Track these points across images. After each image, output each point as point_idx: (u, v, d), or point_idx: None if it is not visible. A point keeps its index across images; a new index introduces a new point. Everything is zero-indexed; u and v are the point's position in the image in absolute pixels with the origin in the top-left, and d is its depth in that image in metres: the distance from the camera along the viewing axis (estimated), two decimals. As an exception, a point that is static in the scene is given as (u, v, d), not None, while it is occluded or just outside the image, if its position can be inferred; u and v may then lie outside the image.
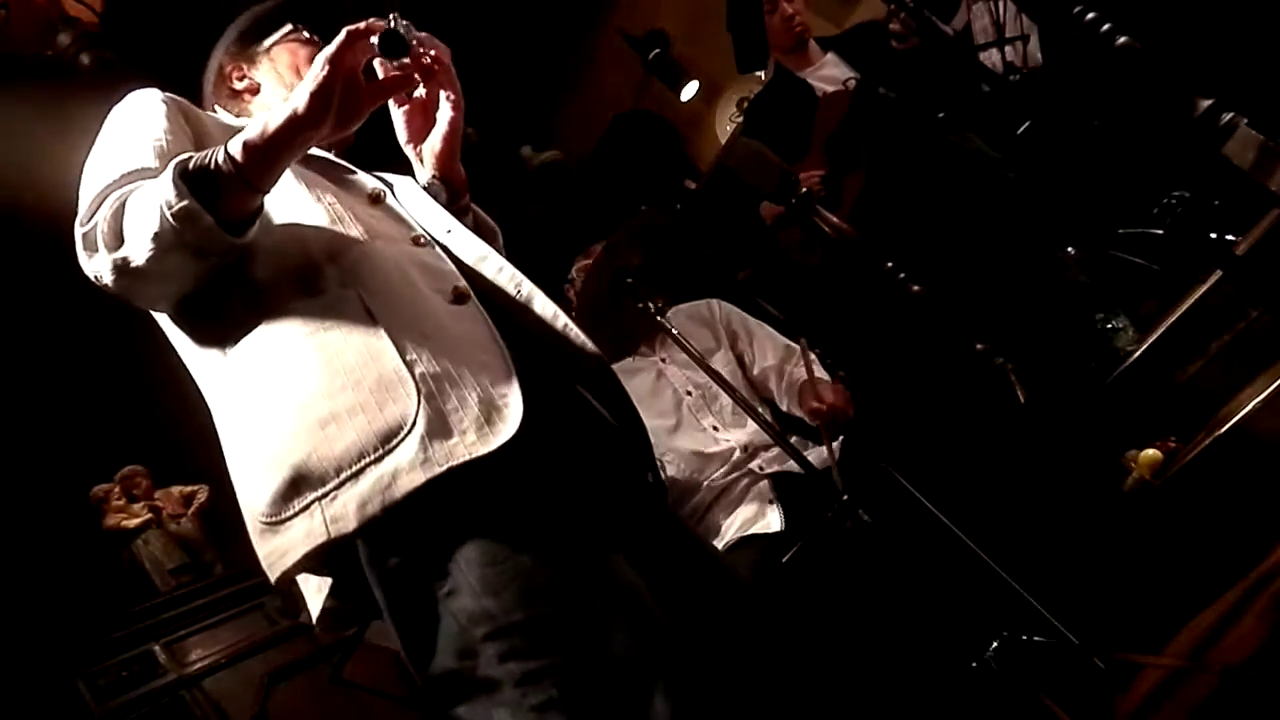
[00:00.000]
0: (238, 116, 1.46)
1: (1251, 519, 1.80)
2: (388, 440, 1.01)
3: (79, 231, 1.07)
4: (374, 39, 1.10)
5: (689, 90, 4.44)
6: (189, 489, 3.54)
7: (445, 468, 0.99)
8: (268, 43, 1.50)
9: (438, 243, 1.26)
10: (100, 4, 3.01)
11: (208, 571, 3.36)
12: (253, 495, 1.07)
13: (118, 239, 1.04)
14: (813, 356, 2.38)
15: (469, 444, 1.00)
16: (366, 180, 1.34)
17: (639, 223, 2.07)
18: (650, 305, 2.05)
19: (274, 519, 1.03)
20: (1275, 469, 1.79)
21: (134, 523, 3.33)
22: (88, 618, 2.90)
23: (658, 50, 4.41)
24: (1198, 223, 2.17)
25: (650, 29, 4.43)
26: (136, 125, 1.20)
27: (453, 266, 1.22)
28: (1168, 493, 1.98)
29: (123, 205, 1.05)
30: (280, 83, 1.48)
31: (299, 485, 1.02)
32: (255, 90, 1.49)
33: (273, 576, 1.04)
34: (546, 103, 4.86)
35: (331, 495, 1.00)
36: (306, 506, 1.01)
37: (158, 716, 2.74)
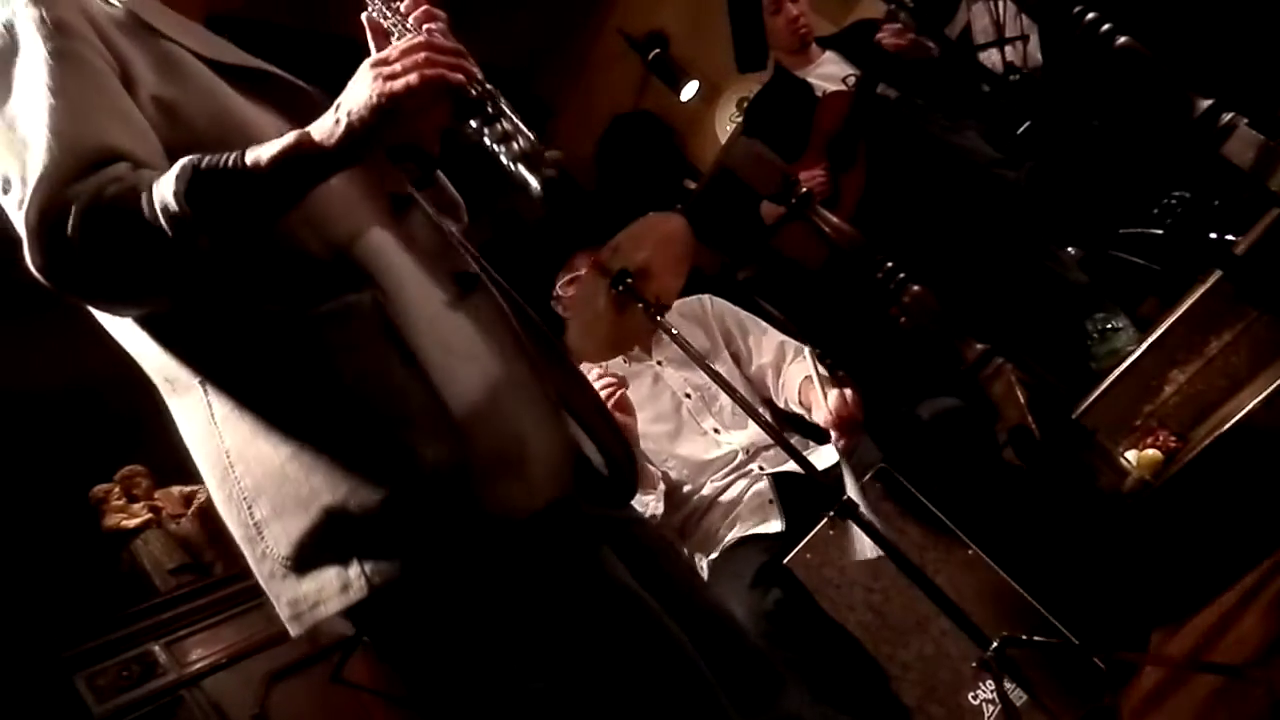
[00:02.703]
0: None
1: (1251, 519, 1.80)
2: (431, 482, 0.92)
3: (27, 222, 0.86)
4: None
5: (689, 90, 4.44)
6: (189, 489, 3.54)
7: (497, 517, 0.92)
8: None
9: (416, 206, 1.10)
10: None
11: (208, 571, 3.35)
12: (269, 536, 0.96)
13: (102, 265, 0.86)
14: (820, 365, 2.36)
15: (527, 500, 0.94)
16: None
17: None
18: (652, 306, 2.04)
19: (300, 564, 0.94)
20: (1275, 469, 1.79)
21: (134, 523, 3.32)
22: (88, 617, 2.90)
23: (658, 50, 4.41)
24: (1198, 223, 2.17)
25: (650, 29, 4.43)
26: (61, 68, 0.91)
27: (446, 237, 1.09)
28: (1168, 493, 1.98)
29: (103, 217, 0.84)
30: None
31: (332, 530, 0.92)
32: None
33: (298, 627, 0.97)
34: (546, 103, 4.85)
35: (371, 540, 0.91)
36: (342, 554, 0.92)
37: (158, 716, 2.74)
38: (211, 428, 0.98)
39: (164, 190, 0.84)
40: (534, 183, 0.89)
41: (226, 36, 1.11)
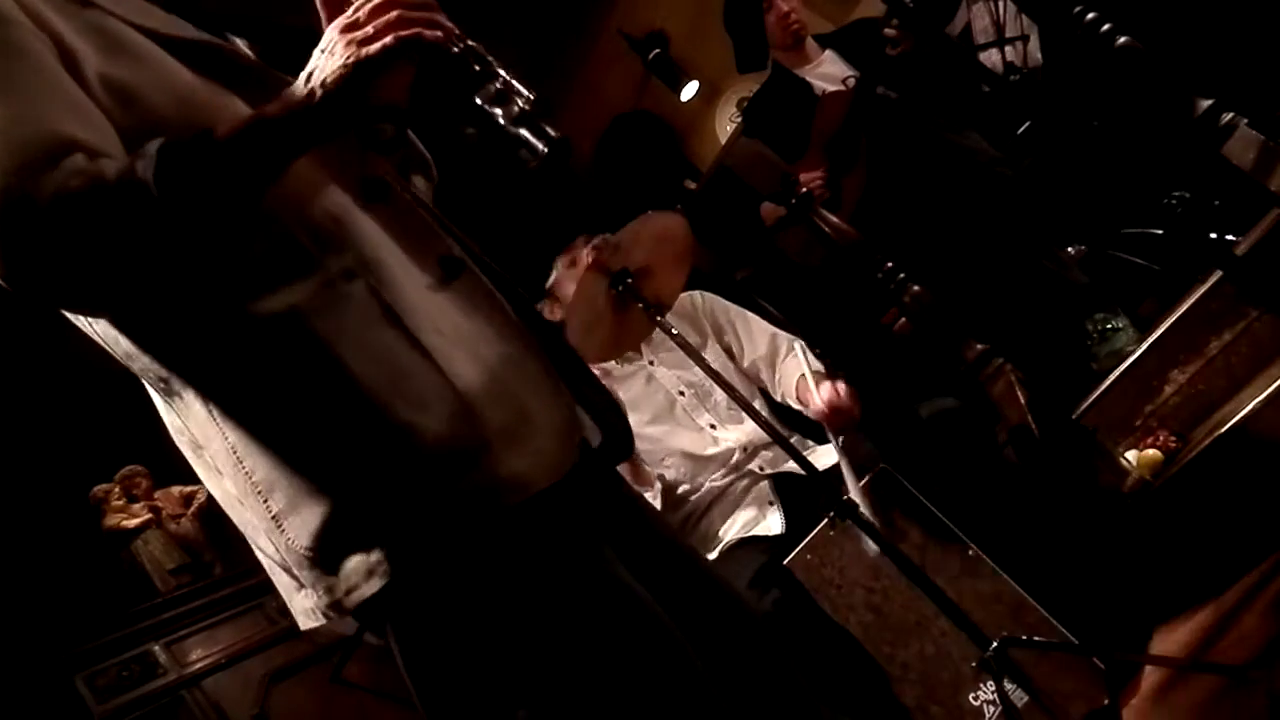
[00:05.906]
0: None
1: (1251, 519, 1.80)
2: (448, 466, 0.89)
3: None
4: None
5: (689, 90, 4.44)
6: (189, 489, 3.54)
7: (522, 498, 0.91)
8: None
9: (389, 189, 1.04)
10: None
11: (207, 571, 3.36)
12: (289, 529, 0.92)
13: (72, 263, 0.80)
14: (812, 357, 2.36)
15: (540, 472, 0.92)
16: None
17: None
18: (651, 306, 2.04)
19: (324, 555, 0.91)
20: (1275, 469, 1.79)
21: (134, 523, 3.32)
22: (88, 618, 2.90)
23: (658, 50, 4.41)
24: (1198, 223, 2.17)
25: (650, 29, 4.43)
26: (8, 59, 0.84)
27: (429, 220, 1.05)
28: (1168, 493, 1.98)
29: (69, 213, 0.78)
30: None
31: (350, 517, 0.90)
32: None
33: (309, 621, 0.96)
34: (546, 103, 4.85)
35: (390, 524, 0.89)
36: (363, 541, 0.90)
37: (158, 716, 2.74)
38: (213, 426, 0.95)
39: (135, 176, 0.79)
40: (539, 145, 0.85)
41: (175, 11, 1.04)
